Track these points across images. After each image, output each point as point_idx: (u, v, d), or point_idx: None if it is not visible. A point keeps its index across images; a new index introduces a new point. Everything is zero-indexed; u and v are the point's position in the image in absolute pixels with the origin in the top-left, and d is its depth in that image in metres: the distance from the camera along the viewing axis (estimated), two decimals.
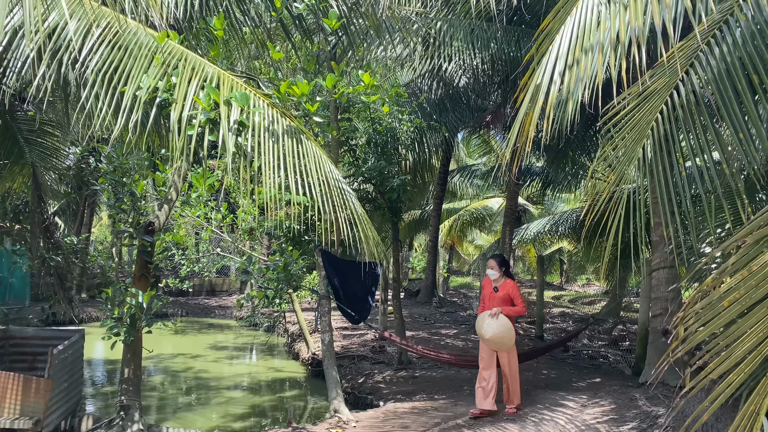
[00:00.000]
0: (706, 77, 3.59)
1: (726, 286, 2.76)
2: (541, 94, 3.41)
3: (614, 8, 3.31)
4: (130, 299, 6.19)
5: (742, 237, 2.82)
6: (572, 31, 3.45)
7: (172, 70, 4.71)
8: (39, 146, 9.73)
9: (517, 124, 3.84)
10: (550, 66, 3.49)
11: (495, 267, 6.67)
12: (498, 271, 6.65)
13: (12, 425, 5.74)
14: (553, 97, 3.40)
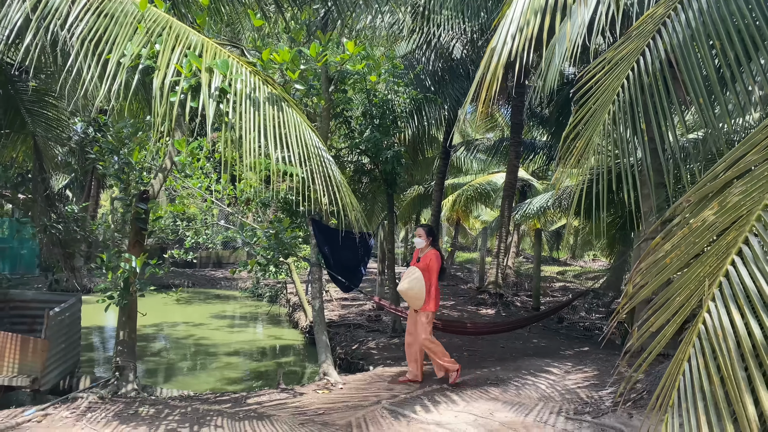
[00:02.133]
0: (671, 44, 3.64)
1: (669, 244, 2.86)
2: (495, 56, 3.48)
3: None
4: (124, 264, 6.37)
5: (688, 197, 2.90)
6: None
7: (156, 37, 4.80)
8: (41, 117, 9.89)
9: (472, 88, 3.91)
10: (505, 29, 3.56)
11: (423, 236, 6.67)
12: (425, 240, 6.64)
13: (11, 383, 6.00)
14: (504, 59, 3.47)
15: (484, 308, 12.42)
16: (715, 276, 2.40)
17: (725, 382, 2.22)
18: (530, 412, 5.54)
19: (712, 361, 2.29)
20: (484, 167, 24.56)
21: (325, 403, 6.01)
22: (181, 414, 5.52)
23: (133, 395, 6.23)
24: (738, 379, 2.16)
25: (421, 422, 5.29)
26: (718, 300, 2.34)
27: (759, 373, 2.13)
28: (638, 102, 3.66)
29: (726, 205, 2.56)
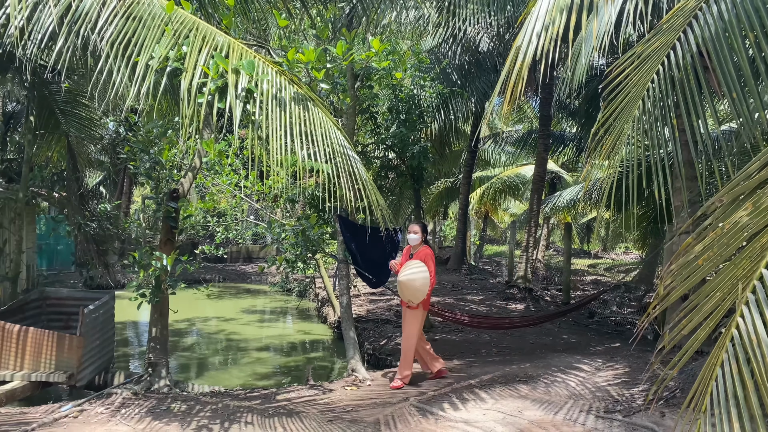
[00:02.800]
0: (703, 37, 3.54)
1: (701, 245, 2.79)
2: (520, 55, 3.43)
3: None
4: (155, 262, 6.47)
5: (720, 197, 2.83)
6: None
7: (183, 39, 4.84)
8: (74, 117, 10.11)
9: (497, 87, 3.86)
10: (530, 27, 3.50)
11: (418, 232, 6.55)
12: (420, 237, 6.56)
13: (48, 378, 6.15)
14: (529, 59, 3.42)
15: (513, 303, 12.33)
16: (748, 279, 2.34)
17: (759, 388, 2.17)
18: (560, 411, 5.50)
19: (745, 367, 2.24)
20: (512, 160, 24.35)
21: (353, 399, 6.04)
22: (212, 410, 5.60)
23: (166, 391, 6.34)
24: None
25: (449, 420, 5.29)
26: (752, 304, 2.28)
27: None
28: (669, 96, 3.57)
29: (760, 206, 2.49)
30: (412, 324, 6.42)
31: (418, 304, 6.35)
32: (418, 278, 6.23)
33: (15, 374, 6.10)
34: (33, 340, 6.19)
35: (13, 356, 6.17)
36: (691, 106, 3.51)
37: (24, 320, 6.84)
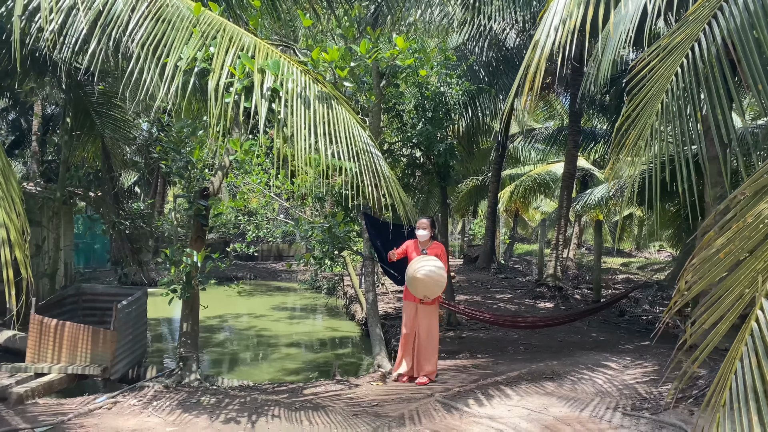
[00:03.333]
0: (728, 28, 3.49)
1: (723, 239, 2.77)
2: (538, 49, 3.43)
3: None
4: (186, 259, 6.62)
5: (743, 190, 2.80)
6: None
7: (210, 40, 4.95)
8: (108, 118, 10.37)
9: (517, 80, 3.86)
10: (548, 22, 3.50)
11: (428, 228, 6.56)
12: (430, 232, 6.56)
13: (84, 371, 6.36)
14: (546, 53, 3.42)
15: (542, 301, 12.25)
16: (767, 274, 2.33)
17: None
18: (585, 408, 5.46)
19: (765, 360, 2.22)
20: (543, 157, 24.13)
21: (379, 395, 6.09)
22: (240, 403, 5.72)
23: (196, 385, 6.49)
24: None
25: (474, 416, 5.30)
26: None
27: None
28: (693, 90, 3.54)
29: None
30: (433, 319, 6.48)
31: (434, 299, 6.39)
32: (437, 273, 6.26)
33: (52, 367, 6.32)
34: (69, 334, 6.40)
35: (51, 350, 6.39)
36: (716, 100, 3.47)
37: (61, 315, 7.06)
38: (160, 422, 5.17)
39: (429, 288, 6.32)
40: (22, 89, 9.73)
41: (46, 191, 9.68)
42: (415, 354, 6.61)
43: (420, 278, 6.28)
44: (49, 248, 9.49)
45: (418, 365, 6.56)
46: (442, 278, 6.31)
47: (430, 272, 6.27)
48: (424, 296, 6.42)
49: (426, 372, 6.50)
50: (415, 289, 6.38)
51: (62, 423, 5.08)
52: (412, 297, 6.52)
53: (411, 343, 6.59)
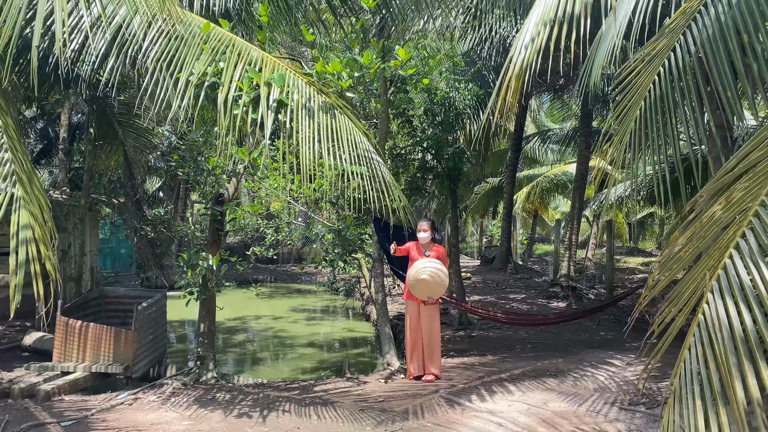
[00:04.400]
0: (701, 38, 3.68)
1: (684, 238, 2.97)
2: (512, 65, 3.65)
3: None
4: (202, 262, 6.94)
5: (701, 193, 3.00)
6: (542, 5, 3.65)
7: (220, 56, 5.26)
8: (130, 127, 10.77)
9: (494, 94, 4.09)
10: (521, 40, 3.72)
11: (429, 230, 6.77)
12: (431, 234, 6.76)
13: (107, 370, 6.70)
14: (516, 68, 3.64)
15: (555, 301, 12.38)
16: (714, 269, 2.52)
17: (720, 368, 2.36)
18: (584, 403, 5.65)
19: (709, 349, 2.43)
20: (560, 157, 24.15)
21: (386, 391, 6.34)
22: (253, 399, 6.01)
23: (213, 382, 6.79)
24: (730, 365, 2.30)
25: (475, 410, 5.52)
26: (716, 292, 2.47)
27: (748, 360, 2.26)
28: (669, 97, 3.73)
29: (731, 200, 2.66)
30: (434, 319, 6.73)
31: (436, 299, 6.64)
32: (439, 275, 6.51)
33: (77, 366, 6.67)
34: (93, 334, 6.75)
35: (76, 349, 6.74)
36: (689, 107, 3.65)
37: (85, 317, 7.41)
38: (177, 417, 5.48)
39: (432, 289, 6.56)
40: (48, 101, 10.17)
41: (72, 199, 10.10)
42: (422, 353, 6.85)
43: (424, 279, 6.52)
44: (74, 254, 9.91)
45: (423, 364, 6.79)
46: (444, 280, 6.55)
47: (433, 274, 6.50)
48: (428, 297, 6.65)
49: (432, 370, 6.73)
50: (419, 291, 6.61)
51: (86, 418, 5.41)
52: (415, 298, 6.76)
53: (418, 343, 6.83)
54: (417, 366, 6.79)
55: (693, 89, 3.63)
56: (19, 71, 8.14)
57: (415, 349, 6.83)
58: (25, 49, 7.49)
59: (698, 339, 2.48)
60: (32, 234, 3.06)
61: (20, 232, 3.01)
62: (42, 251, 3.01)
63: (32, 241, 3.01)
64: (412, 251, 6.92)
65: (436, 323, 6.80)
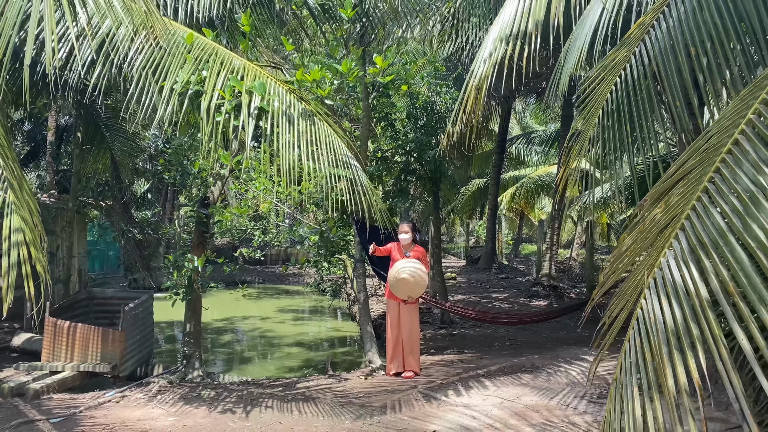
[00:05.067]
0: (654, 51, 3.92)
1: (630, 239, 3.22)
2: (472, 77, 3.88)
3: (527, 1, 3.73)
4: (188, 264, 7.13)
5: (646, 197, 3.25)
6: (499, 22, 3.89)
7: (203, 64, 5.45)
8: (117, 131, 10.92)
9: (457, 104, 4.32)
10: (480, 54, 3.95)
11: (408, 231, 7.01)
12: (412, 235, 7.00)
13: (95, 369, 6.88)
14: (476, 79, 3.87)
15: (537, 300, 12.64)
16: (652, 267, 2.76)
17: (654, 358, 2.60)
18: (555, 396, 5.89)
19: (645, 342, 2.67)
20: (544, 159, 24.46)
21: (366, 387, 6.56)
22: (237, 396, 6.21)
23: (198, 381, 6.98)
24: (663, 356, 2.53)
25: (451, 404, 5.75)
26: (652, 288, 2.70)
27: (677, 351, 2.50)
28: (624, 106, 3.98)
29: (669, 204, 2.90)
30: (415, 317, 6.94)
31: (416, 299, 6.86)
32: (419, 275, 6.75)
33: (66, 365, 6.84)
34: (81, 334, 6.92)
35: (65, 349, 6.91)
36: (642, 116, 3.89)
37: (74, 317, 7.57)
38: (163, 413, 5.67)
39: (412, 288, 6.78)
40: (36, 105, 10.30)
41: (60, 202, 10.24)
42: (402, 350, 7.06)
43: (404, 279, 6.74)
44: (63, 256, 10.05)
45: (404, 361, 7.01)
46: (423, 279, 6.77)
47: (413, 273, 6.73)
48: (408, 297, 6.87)
49: (411, 366, 6.95)
50: (399, 290, 6.83)
51: (74, 415, 5.59)
52: (396, 297, 6.97)
53: (399, 341, 7.04)
54: (397, 363, 7.00)
55: (646, 98, 3.88)
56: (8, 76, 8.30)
57: (396, 346, 7.04)
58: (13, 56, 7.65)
59: (637, 332, 2.72)
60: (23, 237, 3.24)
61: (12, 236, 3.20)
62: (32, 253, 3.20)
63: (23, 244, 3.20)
64: (393, 252, 7.14)
65: (416, 322, 7.02)
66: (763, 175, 2.50)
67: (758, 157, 2.54)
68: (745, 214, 2.48)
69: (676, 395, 2.49)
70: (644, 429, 2.51)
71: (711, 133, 2.91)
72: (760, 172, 2.51)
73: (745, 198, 2.51)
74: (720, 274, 2.47)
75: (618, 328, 3.03)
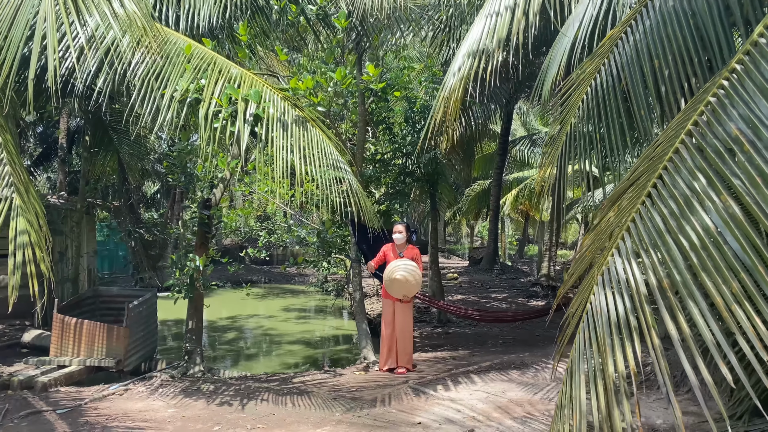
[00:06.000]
0: (621, 62, 4.15)
1: (589, 240, 3.45)
2: (443, 90, 4.13)
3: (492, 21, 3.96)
4: (190, 263, 7.42)
5: (604, 201, 3.49)
6: (469, 39, 4.12)
7: (201, 73, 5.73)
8: (124, 134, 11.24)
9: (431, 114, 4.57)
10: (452, 67, 4.20)
11: (404, 232, 7.26)
12: (405, 236, 7.24)
13: (100, 363, 7.18)
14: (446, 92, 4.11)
15: (535, 300, 12.85)
16: (602, 266, 3.00)
17: (600, 348, 2.84)
18: (540, 391, 6.12)
19: (593, 333, 2.91)
20: None
21: (360, 382, 6.81)
22: (235, 390, 6.48)
23: (199, 375, 7.27)
24: (606, 345, 2.78)
25: (438, 398, 6.00)
26: (600, 285, 2.94)
27: (619, 341, 2.74)
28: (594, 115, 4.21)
29: (621, 208, 3.13)
30: (408, 316, 7.17)
31: (411, 298, 7.10)
32: (412, 275, 6.97)
33: (73, 360, 7.14)
34: (87, 331, 7.23)
35: (71, 345, 7.22)
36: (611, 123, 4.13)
37: (81, 315, 7.88)
38: (164, 405, 5.95)
39: (406, 288, 7.03)
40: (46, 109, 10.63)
41: (68, 203, 10.57)
42: (395, 348, 7.32)
43: (397, 279, 6.98)
44: (71, 255, 10.38)
45: (397, 358, 7.27)
46: (417, 279, 7.01)
47: (407, 273, 6.97)
48: (403, 296, 7.12)
49: (404, 363, 7.20)
50: (394, 290, 7.08)
51: (80, 406, 5.88)
52: (391, 296, 7.22)
53: (393, 338, 7.30)
54: (391, 360, 7.25)
55: (614, 106, 4.11)
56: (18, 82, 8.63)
57: (390, 343, 7.29)
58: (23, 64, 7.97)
59: (586, 325, 2.96)
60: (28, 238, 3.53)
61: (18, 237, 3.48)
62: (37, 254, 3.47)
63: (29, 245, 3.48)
64: (387, 253, 7.39)
65: (409, 320, 7.25)
66: (697, 181, 2.73)
67: (694, 165, 2.77)
68: (681, 217, 2.72)
69: (615, 380, 2.74)
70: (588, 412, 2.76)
71: (659, 142, 3.14)
72: (695, 178, 2.75)
73: (681, 202, 2.75)
74: (657, 271, 2.71)
75: (575, 323, 3.27)
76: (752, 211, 2.53)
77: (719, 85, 2.88)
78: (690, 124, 2.89)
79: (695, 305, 2.52)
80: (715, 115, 2.83)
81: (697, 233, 2.63)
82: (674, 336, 2.51)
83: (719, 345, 2.43)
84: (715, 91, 2.88)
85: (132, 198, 10.92)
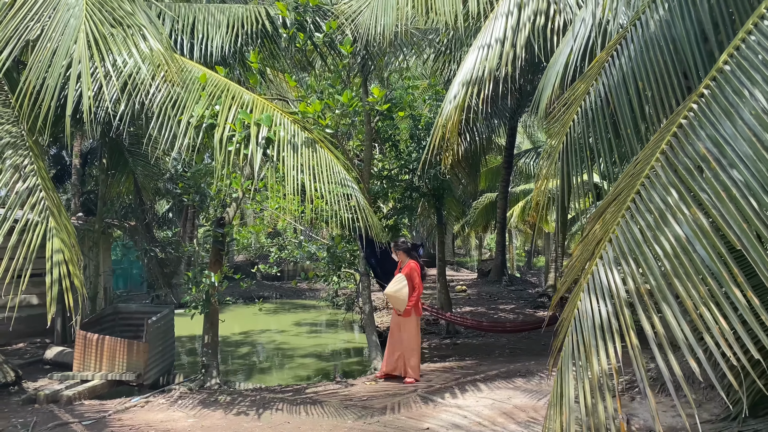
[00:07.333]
0: (609, 84, 4.44)
1: (578, 251, 3.74)
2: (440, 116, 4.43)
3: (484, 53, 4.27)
4: (205, 280, 7.73)
5: (591, 215, 3.77)
6: (463, 69, 4.44)
7: (216, 100, 6.09)
8: (139, 156, 11.62)
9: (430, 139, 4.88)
10: (448, 95, 4.51)
11: (395, 252, 7.81)
12: (399, 256, 7.69)
13: (121, 377, 7.48)
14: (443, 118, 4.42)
15: (542, 311, 13.06)
16: (587, 273, 3.28)
17: (585, 348, 3.12)
18: (544, 398, 6.36)
19: (580, 335, 3.18)
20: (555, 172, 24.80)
21: (370, 391, 7.08)
22: (251, 401, 6.76)
23: (216, 387, 7.56)
24: (590, 345, 3.05)
25: (446, 406, 6.25)
26: (586, 291, 3.22)
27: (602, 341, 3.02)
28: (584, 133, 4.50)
29: (605, 221, 3.41)
30: (410, 328, 7.45)
31: (408, 311, 7.41)
32: (400, 291, 7.35)
33: (95, 374, 7.45)
34: (108, 346, 7.54)
35: (94, 360, 7.53)
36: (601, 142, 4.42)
37: (101, 331, 8.20)
38: (183, 415, 6.24)
39: (396, 302, 7.48)
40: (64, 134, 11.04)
41: (86, 224, 10.94)
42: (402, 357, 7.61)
43: (386, 294, 7.55)
44: (90, 274, 10.73)
45: (403, 366, 7.54)
46: (398, 295, 7.39)
47: (390, 288, 7.46)
48: (397, 309, 7.49)
49: (409, 374, 7.46)
50: (391, 303, 7.51)
51: (104, 418, 6.18)
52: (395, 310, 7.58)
53: (395, 347, 7.59)
54: (390, 367, 7.56)
55: (602, 126, 4.41)
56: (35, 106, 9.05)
57: (392, 351, 7.59)
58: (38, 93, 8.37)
59: (573, 328, 3.23)
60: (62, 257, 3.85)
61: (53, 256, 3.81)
62: (71, 269, 3.79)
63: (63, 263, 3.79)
64: (396, 270, 7.76)
65: (412, 331, 7.51)
66: (670, 196, 3.01)
67: (667, 181, 3.06)
68: (656, 229, 3.00)
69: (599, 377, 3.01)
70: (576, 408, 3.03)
71: (638, 160, 3.43)
72: (668, 193, 3.03)
73: (656, 215, 3.03)
74: (635, 279, 2.98)
75: (565, 329, 3.55)
76: (718, 223, 2.81)
77: (689, 108, 3.17)
78: (664, 144, 3.18)
79: (668, 308, 2.80)
80: (686, 136, 3.12)
81: (670, 243, 2.91)
82: (650, 334, 2.79)
83: (690, 343, 2.70)
84: (686, 114, 3.17)
85: (147, 217, 11.27)
